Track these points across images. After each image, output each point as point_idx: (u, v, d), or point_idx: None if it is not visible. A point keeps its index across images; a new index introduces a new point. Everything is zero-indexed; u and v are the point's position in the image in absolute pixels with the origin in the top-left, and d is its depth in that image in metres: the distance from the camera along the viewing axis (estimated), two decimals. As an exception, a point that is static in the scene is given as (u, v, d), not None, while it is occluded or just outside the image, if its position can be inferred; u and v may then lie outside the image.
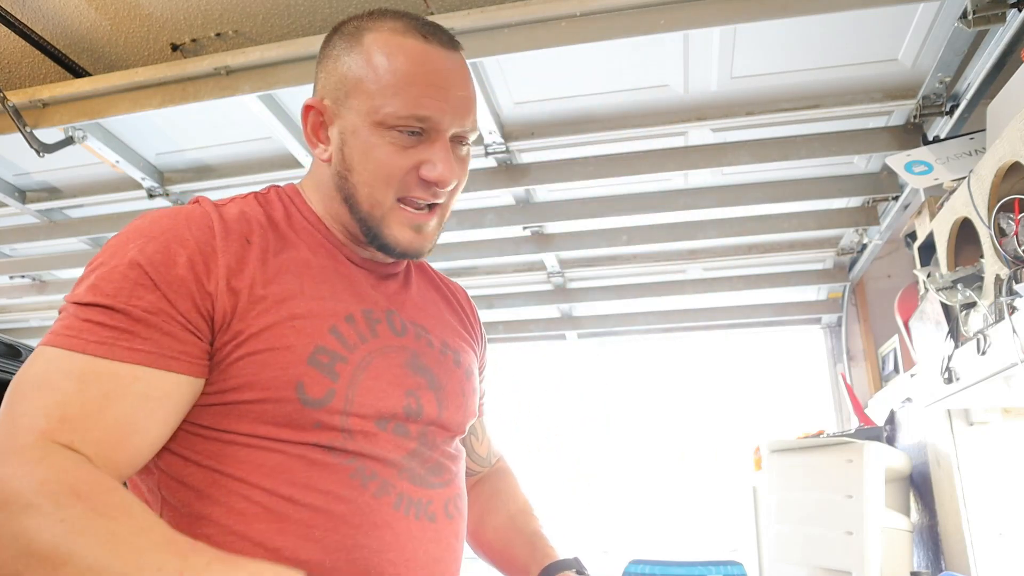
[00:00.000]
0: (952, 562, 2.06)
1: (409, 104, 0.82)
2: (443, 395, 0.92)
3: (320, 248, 0.90)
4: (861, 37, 1.81)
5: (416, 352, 0.91)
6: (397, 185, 0.85)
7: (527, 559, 1.01)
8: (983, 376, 1.52)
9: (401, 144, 0.83)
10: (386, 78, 0.83)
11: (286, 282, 0.82)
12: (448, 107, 0.84)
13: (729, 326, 3.64)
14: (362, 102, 0.84)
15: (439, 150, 0.84)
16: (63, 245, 3.04)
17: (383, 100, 0.82)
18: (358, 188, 0.86)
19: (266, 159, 2.40)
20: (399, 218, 0.86)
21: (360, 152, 0.85)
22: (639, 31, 1.71)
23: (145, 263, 0.75)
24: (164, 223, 0.80)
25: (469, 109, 0.87)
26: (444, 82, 0.84)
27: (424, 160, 0.84)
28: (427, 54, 0.84)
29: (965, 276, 1.54)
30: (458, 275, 3.26)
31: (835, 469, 2.25)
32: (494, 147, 2.23)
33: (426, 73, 0.83)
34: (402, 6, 1.84)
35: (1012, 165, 1.38)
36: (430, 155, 0.84)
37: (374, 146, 0.84)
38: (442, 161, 0.84)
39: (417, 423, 0.88)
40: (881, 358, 3.02)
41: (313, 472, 0.77)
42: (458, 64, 0.88)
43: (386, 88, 0.83)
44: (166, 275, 0.75)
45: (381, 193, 0.85)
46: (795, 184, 2.52)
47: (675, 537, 3.90)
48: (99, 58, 2.09)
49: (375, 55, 0.84)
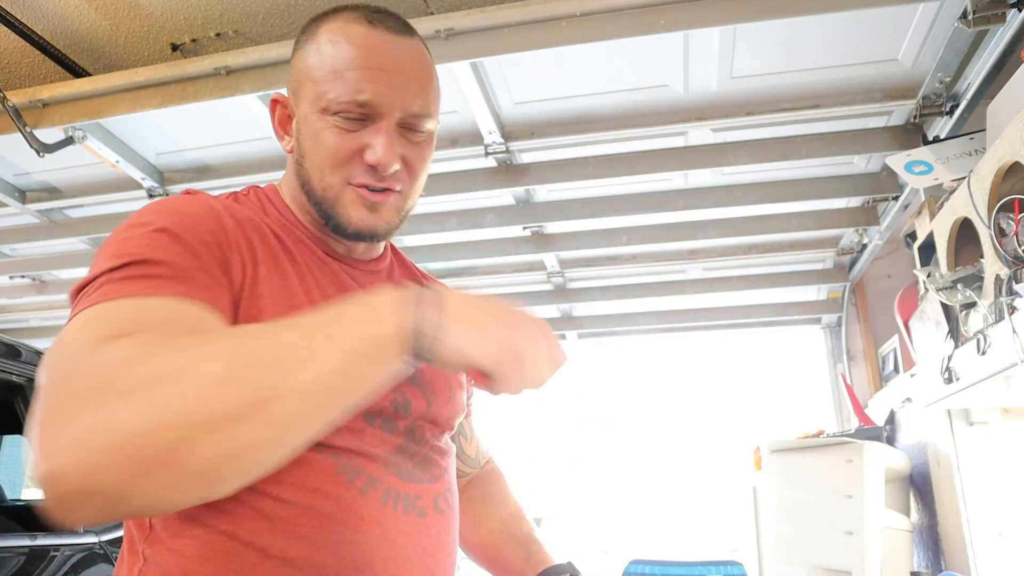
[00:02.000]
0: (952, 562, 2.06)
1: (349, 89, 0.82)
2: (429, 390, 0.91)
3: (300, 244, 0.90)
4: (861, 37, 1.81)
5: None
6: (343, 169, 0.85)
7: (521, 564, 1.01)
8: (983, 376, 1.52)
9: (346, 128, 0.84)
10: (328, 63, 0.84)
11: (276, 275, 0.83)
12: (390, 91, 0.83)
13: (729, 326, 3.64)
14: (310, 90, 0.85)
15: (381, 133, 0.83)
16: (63, 245, 3.04)
17: (327, 86, 0.83)
18: (311, 173, 0.87)
19: (266, 159, 2.40)
20: (351, 198, 0.86)
21: (309, 138, 0.86)
22: (639, 31, 1.71)
23: (171, 227, 0.75)
24: (172, 204, 0.80)
25: (416, 93, 0.86)
26: (386, 64, 0.84)
27: (366, 144, 0.84)
28: (370, 38, 0.84)
29: (965, 276, 1.54)
30: (458, 275, 3.26)
31: (835, 469, 2.25)
32: (494, 147, 2.23)
33: (368, 57, 0.83)
34: (402, 6, 1.84)
35: (1012, 165, 1.38)
36: (371, 139, 0.84)
37: (320, 131, 0.84)
38: (382, 145, 0.83)
39: (405, 419, 0.87)
40: (881, 358, 3.02)
41: (299, 469, 0.77)
42: (407, 47, 0.87)
43: (329, 74, 0.83)
44: (194, 236, 0.75)
45: (329, 176, 0.85)
46: (795, 184, 2.52)
47: (675, 537, 3.90)
48: (99, 58, 2.09)
49: (323, 44, 0.85)
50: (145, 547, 0.77)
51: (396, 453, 0.85)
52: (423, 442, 0.89)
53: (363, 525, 0.78)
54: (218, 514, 0.75)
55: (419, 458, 0.88)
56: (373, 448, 0.82)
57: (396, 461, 0.84)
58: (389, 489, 0.82)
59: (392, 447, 0.85)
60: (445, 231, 2.75)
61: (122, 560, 0.80)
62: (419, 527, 0.84)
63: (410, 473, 0.86)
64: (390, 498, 0.82)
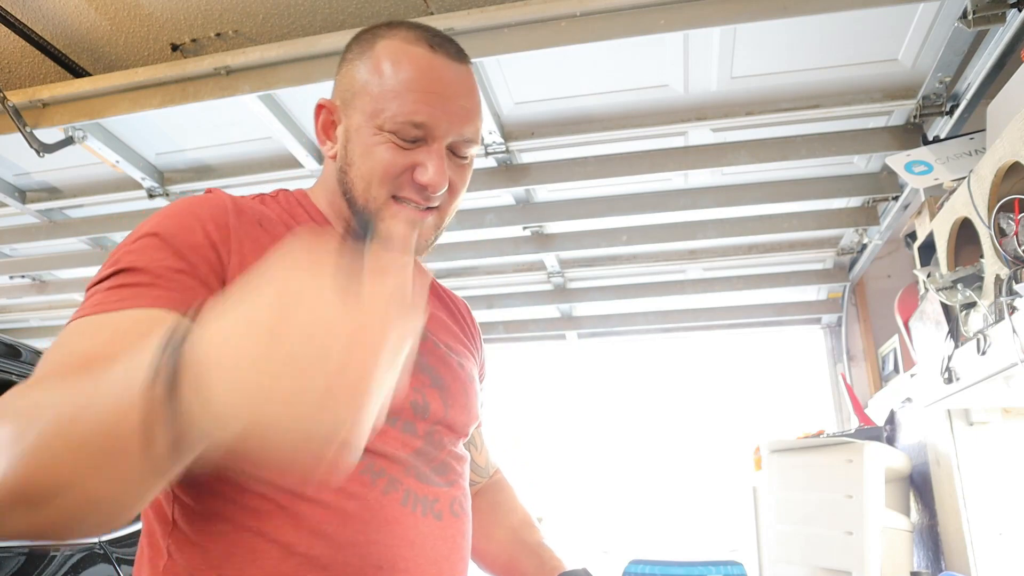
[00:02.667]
0: (952, 562, 2.06)
1: (407, 109, 0.85)
2: (447, 395, 0.93)
3: None
4: (861, 37, 1.81)
5: (420, 351, 0.92)
6: (391, 183, 0.87)
7: (535, 571, 1.03)
8: (983, 376, 1.52)
9: (399, 146, 0.86)
10: (390, 83, 0.86)
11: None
12: (446, 116, 0.86)
13: (729, 326, 3.64)
14: (366, 104, 0.87)
15: (433, 155, 0.86)
16: (63, 245, 3.04)
17: (385, 103, 0.85)
18: (355, 183, 0.89)
19: (266, 159, 2.40)
20: (392, 212, 0.88)
21: (360, 149, 0.88)
22: (639, 31, 1.71)
23: (162, 232, 0.77)
24: (178, 206, 0.82)
25: (469, 119, 0.89)
26: (445, 90, 0.87)
27: (418, 163, 0.86)
28: (431, 62, 0.87)
29: (965, 276, 1.54)
30: (458, 275, 3.26)
31: (835, 469, 2.25)
32: (494, 147, 2.23)
33: (428, 80, 0.86)
34: (402, 7, 1.84)
35: (1012, 165, 1.38)
36: (424, 159, 0.86)
37: (373, 145, 0.86)
38: (434, 166, 0.86)
39: (424, 421, 0.89)
40: (881, 358, 3.02)
41: None
42: (463, 75, 0.90)
43: (388, 92, 0.86)
44: (184, 240, 0.77)
45: (376, 189, 0.87)
46: (795, 184, 2.52)
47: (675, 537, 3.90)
48: (99, 58, 2.09)
49: (383, 61, 0.87)
50: (169, 542, 0.78)
51: (415, 456, 0.87)
52: (441, 447, 0.91)
53: (385, 525, 0.80)
54: (243, 511, 0.76)
55: (437, 463, 0.90)
56: (394, 450, 0.84)
57: (415, 464, 0.86)
58: (409, 491, 0.84)
59: (412, 450, 0.87)
60: (445, 231, 2.75)
61: (142, 554, 0.81)
62: (436, 530, 0.86)
63: (428, 476, 0.87)
64: (409, 500, 0.84)
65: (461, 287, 3.32)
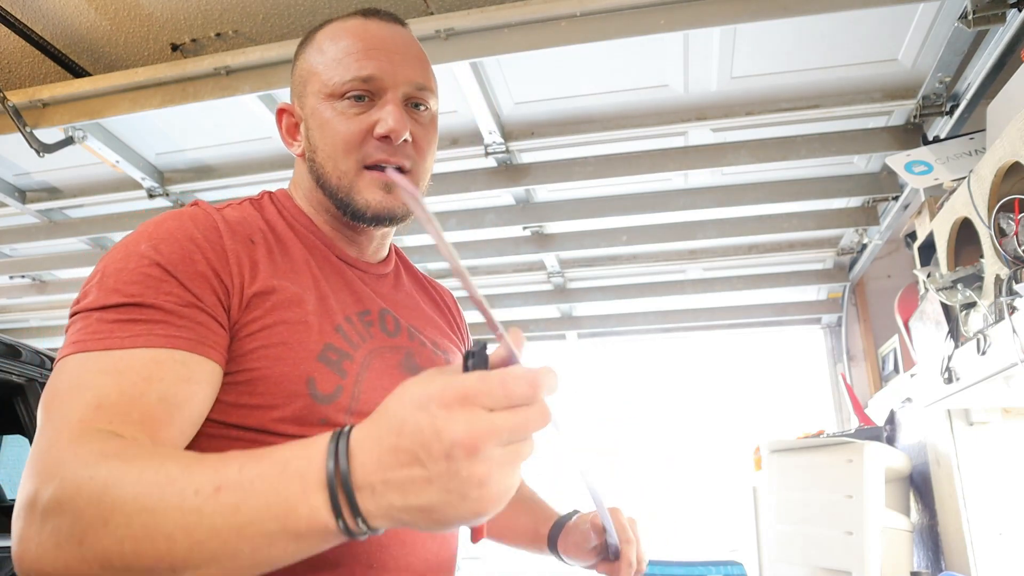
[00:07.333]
0: (952, 562, 2.06)
1: (352, 68, 0.87)
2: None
3: (315, 248, 0.92)
4: (861, 37, 1.81)
5: (410, 352, 0.93)
6: (357, 152, 0.88)
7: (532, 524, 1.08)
8: (983, 376, 1.52)
9: (353, 112, 0.88)
10: (331, 54, 0.89)
11: (291, 280, 0.84)
12: (391, 65, 0.88)
13: (729, 326, 3.64)
14: (316, 84, 0.90)
15: (389, 105, 0.87)
16: (63, 245, 3.04)
17: (331, 73, 0.88)
18: (324, 164, 0.90)
19: (266, 159, 2.40)
20: (366, 181, 0.89)
21: (318, 128, 0.89)
22: (639, 31, 1.71)
23: (164, 262, 0.76)
24: (170, 224, 0.81)
25: (416, 67, 0.90)
26: (384, 44, 0.89)
27: (376, 120, 0.87)
28: (366, 26, 0.91)
29: (965, 276, 1.54)
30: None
31: (835, 469, 2.25)
32: (494, 147, 2.23)
33: (366, 40, 0.89)
34: (402, 7, 1.84)
35: (1012, 165, 1.38)
36: (380, 113, 0.87)
37: (328, 119, 0.88)
38: (391, 115, 0.86)
39: None
40: (881, 358, 3.02)
41: None
42: (401, 32, 0.93)
43: (331, 62, 0.89)
44: (187, 270, 0.76)
45: (343, 162, 0.88)
46: (795, 184, 2.52)
47: (675, 537, 3.90)
48: (99, 58, 2.09)
49: (323, 41, 0.92)
50: None
51: None
52: None
53: None
54: None
55: None
56: None
57: None
58: None
59: None
60: (445, 231, 2.75)
61: None
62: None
63: None
64: None
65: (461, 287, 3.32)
